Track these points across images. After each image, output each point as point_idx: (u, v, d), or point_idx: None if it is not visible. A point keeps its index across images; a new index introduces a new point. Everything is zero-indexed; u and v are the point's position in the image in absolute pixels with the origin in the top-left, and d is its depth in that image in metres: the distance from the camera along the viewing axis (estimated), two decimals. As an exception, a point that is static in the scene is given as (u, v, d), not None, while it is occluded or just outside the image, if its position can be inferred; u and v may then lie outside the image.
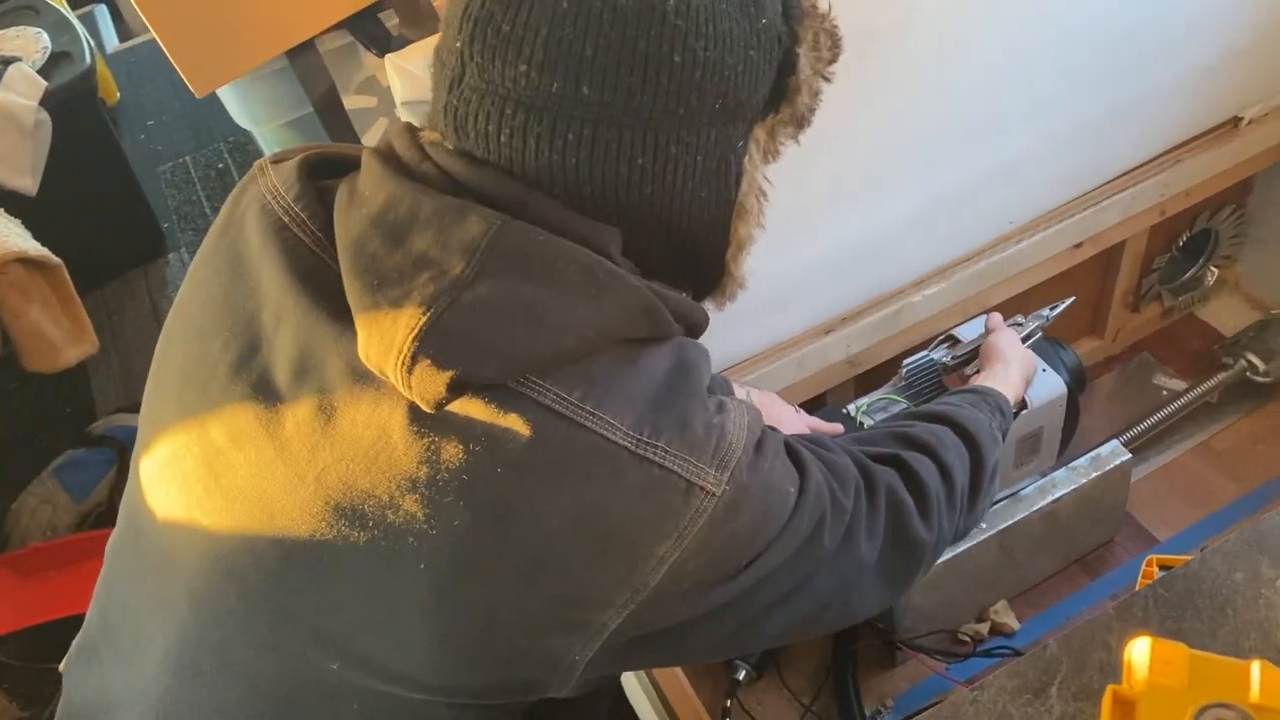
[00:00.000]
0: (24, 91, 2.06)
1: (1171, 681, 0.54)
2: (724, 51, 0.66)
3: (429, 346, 0.62)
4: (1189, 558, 1.24)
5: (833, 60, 0.78)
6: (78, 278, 1.80)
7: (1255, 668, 0.53)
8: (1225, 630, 0.58)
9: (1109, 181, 1.50)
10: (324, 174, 0.76)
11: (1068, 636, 0.58)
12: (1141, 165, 1.51)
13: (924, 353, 1.43)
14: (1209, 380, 1.69)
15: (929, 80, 1.23)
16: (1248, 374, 1.69)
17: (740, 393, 1.20)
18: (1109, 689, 0.53)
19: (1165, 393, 1.76)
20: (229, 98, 1.31)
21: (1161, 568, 1.04)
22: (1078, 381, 1.38)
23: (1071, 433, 1.42)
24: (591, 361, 0.66)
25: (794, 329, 1.39)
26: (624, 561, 0.66)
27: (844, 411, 1.36)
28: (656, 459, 0.66)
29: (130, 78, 3.24)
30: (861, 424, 1.34)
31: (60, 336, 1.80)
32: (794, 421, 1.26)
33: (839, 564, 0.78)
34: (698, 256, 0.76)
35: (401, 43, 1.19)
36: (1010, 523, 1.39)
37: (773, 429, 0.76)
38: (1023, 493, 1.42)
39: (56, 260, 1.77)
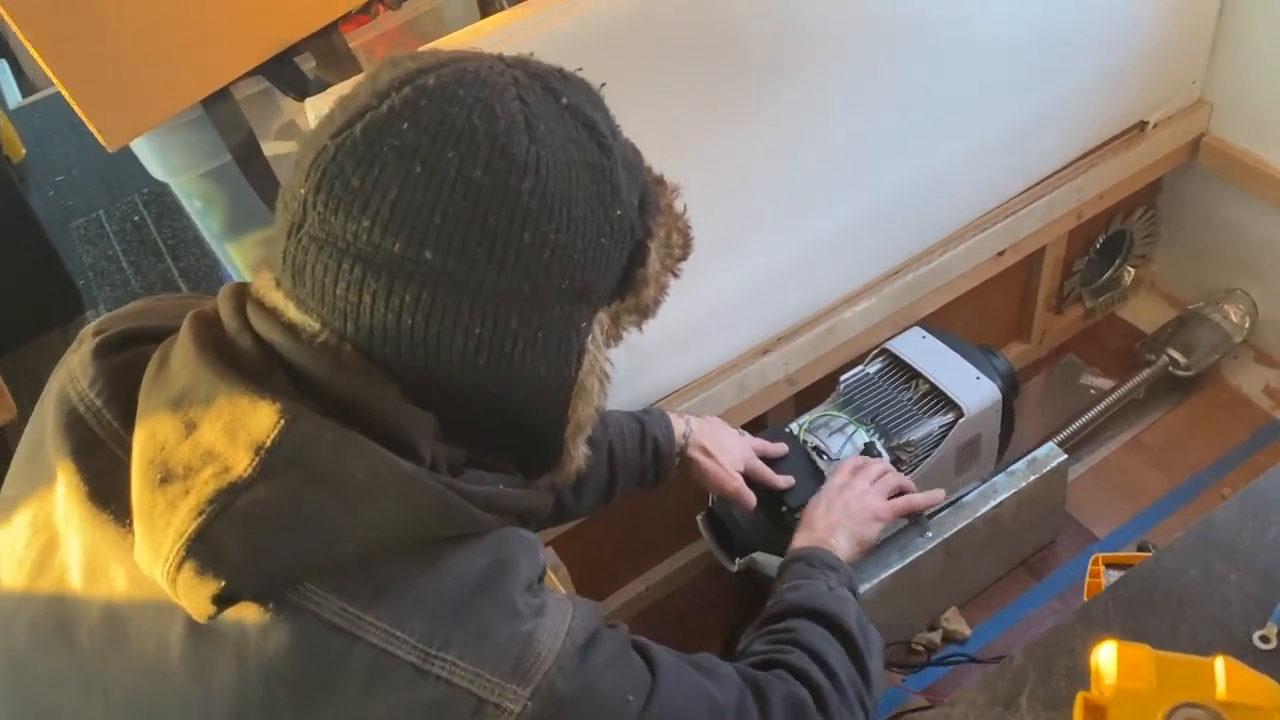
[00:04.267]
0: (-78, 152, 2.00)
1: (1140, 684, 0.54)
2: (575, 236, 0.65)
3: (195, 555, 0.59)
4: (1134, 554, 1.26)
5: (683, 257, 0.77)
6: (-10, 342, 1.74)
7: (1219, 665, 0.54)
8: (1185, 627, 0.59)
9: (1027, 189, 1.54)
10: (141, 342, 0.71)
11: (1032, 646, 0.59)
12: (1056, 172, 1.55)
13: (860, 368, 1.45)
14: (1134, 377, 1.74)
15: (846, 103, 1.25)
16: (1170, 369, 1.74)
17: (680, 425, 1.20)
18: (1079, 696, 0.54)
19: (1093, 392, 1.81)
20: (143, 150, 1.27)
21: (1108, 565, 1.05)
22: (1010, 387, 1.40)
23: (1008, 437, 1.44)
24: (383, 566, 0.63)
25: (732, 351, 1.40)
26: None
27: (786, 430, 1.37)
28: (444, 674, 0.62)
29: (35, 133, 3.15)
30: (805, 442, 1.35)
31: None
32: (738, 446, 1.26)
33: None
34: (533, 433, 0.73)
35: (320, 86, 1.17)
36: (954, 530, 1.41)
37: (614, 626, 0.72)
38: (964, 500, 1.44)
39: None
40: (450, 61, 0.65)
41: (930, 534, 1.40)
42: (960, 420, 1.34)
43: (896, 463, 1.33)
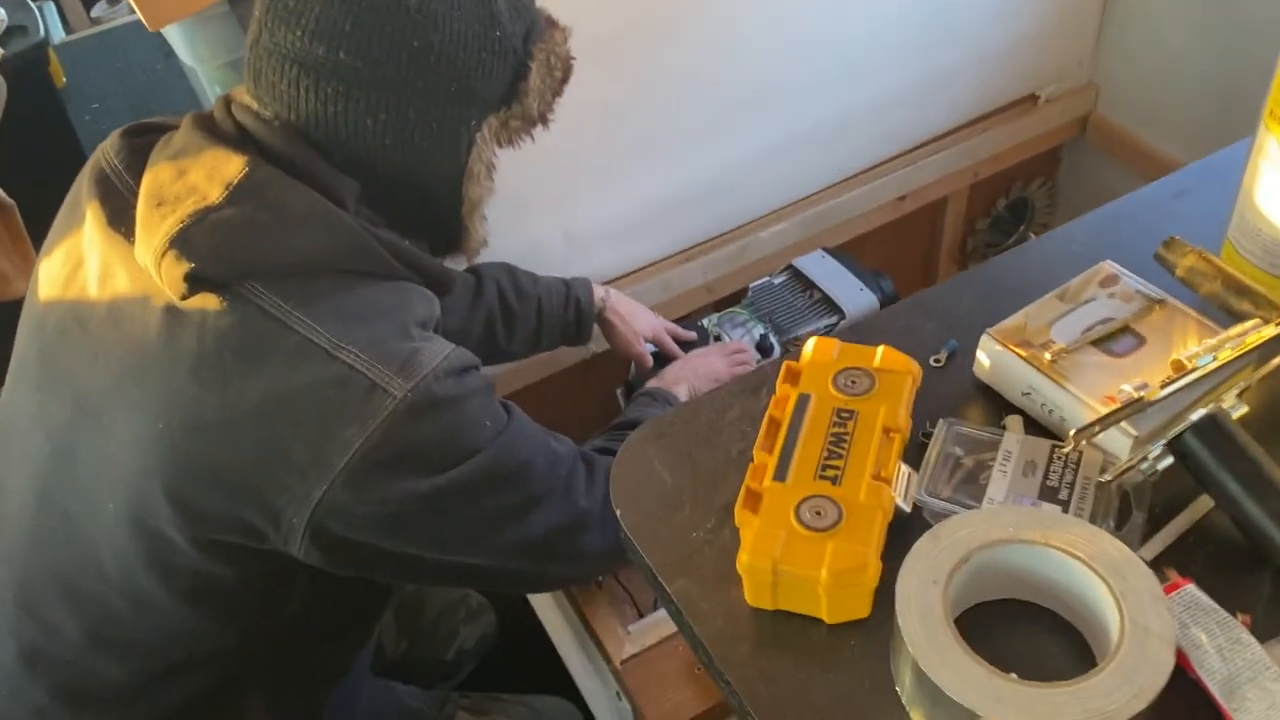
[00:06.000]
0: (-19, 57, 2.26)
1: (825, 358, 0.79)
2: (458, 48, 0.86)
3: (175, 246, 0.82)
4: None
5: (563, 79, 0.98)
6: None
7: (879, 349, 0.79)
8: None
9: (925, 144, 1.78)
10: (156, 132, 0.97)
11: (785, 360, 0.82)
12: (952, 131, 1.79)
13: (766, 278, 1.69)
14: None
15: (758, 46, 1.50)
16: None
17: (600, 291, 1.44)
18: (785, 362, 0.79)
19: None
20: (175, 36, 1.51)
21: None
22: (890, 302, 1.64)
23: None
24: (313, 282, 0.85)
25: (658, 253, 1.64)
26: (316, 436, 0.83)
27: (698, 324, 1.60)
28: (348, 360, 0.83)
29: (75, 66, 3.43)
30: (711, 333, 1.59)
31: (10, 269, 1.98)
32: (649, 319, 1.49)
33: (560, 505, 0.95)
34: (435, 209, 0.95)
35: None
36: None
37: (483, 378, 0.92)
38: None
39: (9, 201, 1.96)
40: None
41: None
42: (841, 321, 1.58)
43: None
